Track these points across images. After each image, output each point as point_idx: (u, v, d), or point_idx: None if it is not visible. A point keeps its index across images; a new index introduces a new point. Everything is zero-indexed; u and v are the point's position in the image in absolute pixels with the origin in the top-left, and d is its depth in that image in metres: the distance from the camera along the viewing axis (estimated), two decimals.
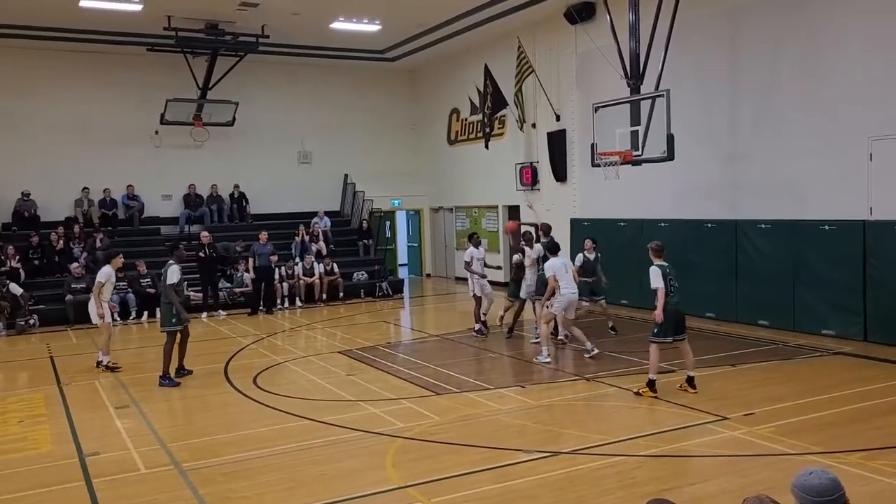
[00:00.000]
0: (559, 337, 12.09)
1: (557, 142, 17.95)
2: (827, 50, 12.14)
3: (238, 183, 21.30)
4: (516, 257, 13.10)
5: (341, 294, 18.86)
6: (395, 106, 23.98)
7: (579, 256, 12.82)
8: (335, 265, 19.02)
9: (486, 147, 19.66)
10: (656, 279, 8.80)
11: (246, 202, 21.40)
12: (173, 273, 10.45)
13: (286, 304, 18.15)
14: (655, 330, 8.89)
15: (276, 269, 17.90)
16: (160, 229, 20.43)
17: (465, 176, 22.07)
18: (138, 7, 16.10)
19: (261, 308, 17.28)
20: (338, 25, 18.36)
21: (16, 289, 15.68)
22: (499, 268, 19.21)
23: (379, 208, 22.60)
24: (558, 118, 17.94)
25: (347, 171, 23.02)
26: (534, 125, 18.94)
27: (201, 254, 17.30)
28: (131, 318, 16.53)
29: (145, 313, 16.61)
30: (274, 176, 21.94)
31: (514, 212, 20.18)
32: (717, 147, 14.06)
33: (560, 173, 18.03)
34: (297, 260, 18.90)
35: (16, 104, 19.14)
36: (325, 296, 18.56)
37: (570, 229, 17.36)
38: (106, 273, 11.38)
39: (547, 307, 11.12)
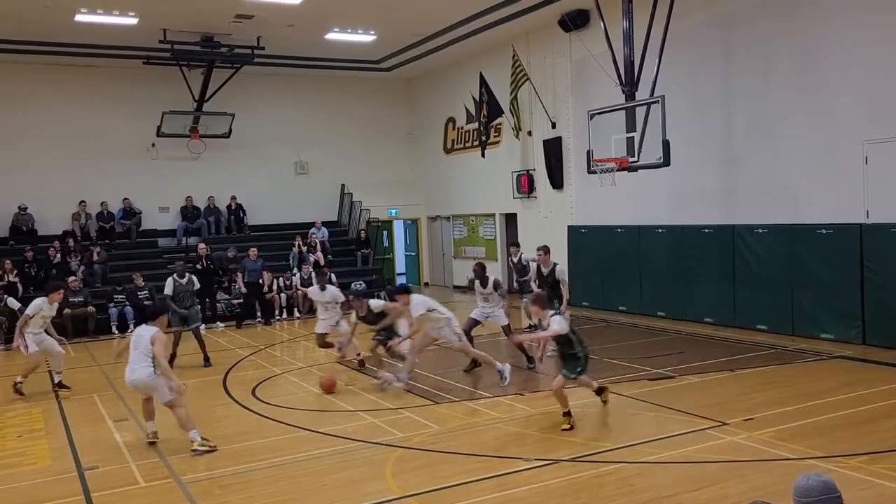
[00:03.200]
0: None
1: (553, 149, 17.99)
2: (821, 53, 12.20)
3: (235, 194, 21.31)
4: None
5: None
6: (391, 115, 24.02)
7: (533, 266, 12.57)
8: (333, 275, 18.98)
9: (483, 155, 19.70)
10: None
11: (243, 213, 21.41)
12: (167, 285, 12.39)
13: (284, 315, 18.11)
14: None
15: (271, 282, 17.83)
16: (158, 242, 20.43)
17: (461, 184, 22.10)
18: (134, 21, 16.14)
19: (258, 319, 17.28)
20: (333, 36, 18.41)
21: (13, 303, 15.57)
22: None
23: (376, 218, 22.61)
24: (554, 125, 17.99)
25: (344, 181, 23.05)
26: (529, 133, 18.99)
27: (198, 265, 17.29)
28: (129, 331, 16.47)
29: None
30: (271, 187, 21.96)
31: (511, 219, 20.21)
32: (713, 152, 14.09)
33: (557, 180, 18.07)
34: (295, 270, 18.88)
35: (13, 118, 19.18)
36: None
37: (567, 236, 17.38)
38: (36, 305, 10.61)
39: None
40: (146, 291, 16.76)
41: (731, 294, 13.64)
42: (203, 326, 12.92)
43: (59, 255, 17.87)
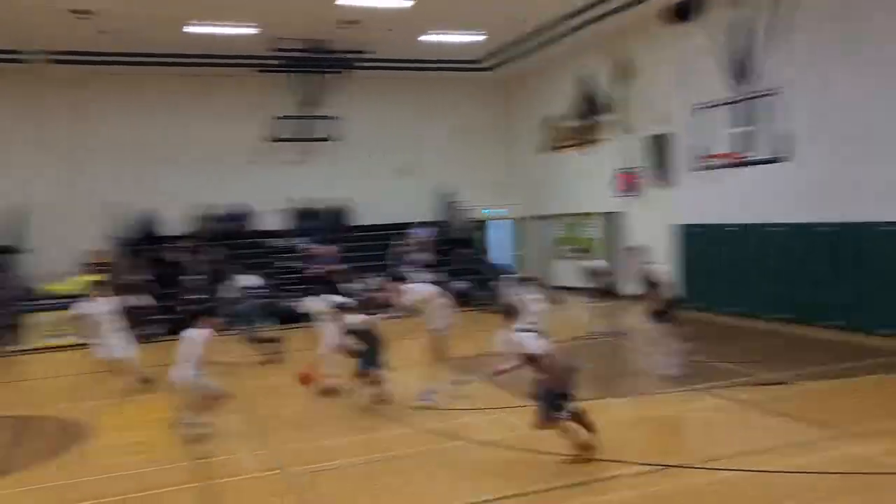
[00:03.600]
0: None
1: (659, 146, 17.46)
2: None
3: (341, 195, 21.97)
4: None
5: None
6: (489, 115, 24.06)
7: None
8: (433, 275, 19.15)
9: (584, 154, 19.36)
10: None
11: (349, 214, 22.05)
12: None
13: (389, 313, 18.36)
14: None
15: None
16: (269, 242, 21.31)
17: (562, 184, 21.81)
18: (249, 31, 16.92)
19: None
20: (431, 38, 18.62)
21: (145, 300, 16.78)
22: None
23: (476, 217, 22.68)
24: (661, 121, 17.41)
25: (444, 181, 23.23)
26: (633, 130, 18.49)
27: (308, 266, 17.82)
28: None
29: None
30: (374, 188, 22.43)
31: (614, 218, 19.74)
32: (831, 146, 13.21)
33: (662, 178, 17.51)
34: None
35: (139, 127, 20.57)
36: None
37: (674, 235, 16.81)
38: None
39: None
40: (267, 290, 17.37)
41: (858, 296, 12.73)
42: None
43: (178, 256, 18.95)
